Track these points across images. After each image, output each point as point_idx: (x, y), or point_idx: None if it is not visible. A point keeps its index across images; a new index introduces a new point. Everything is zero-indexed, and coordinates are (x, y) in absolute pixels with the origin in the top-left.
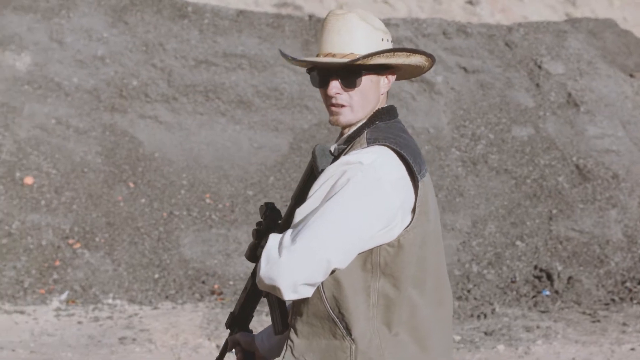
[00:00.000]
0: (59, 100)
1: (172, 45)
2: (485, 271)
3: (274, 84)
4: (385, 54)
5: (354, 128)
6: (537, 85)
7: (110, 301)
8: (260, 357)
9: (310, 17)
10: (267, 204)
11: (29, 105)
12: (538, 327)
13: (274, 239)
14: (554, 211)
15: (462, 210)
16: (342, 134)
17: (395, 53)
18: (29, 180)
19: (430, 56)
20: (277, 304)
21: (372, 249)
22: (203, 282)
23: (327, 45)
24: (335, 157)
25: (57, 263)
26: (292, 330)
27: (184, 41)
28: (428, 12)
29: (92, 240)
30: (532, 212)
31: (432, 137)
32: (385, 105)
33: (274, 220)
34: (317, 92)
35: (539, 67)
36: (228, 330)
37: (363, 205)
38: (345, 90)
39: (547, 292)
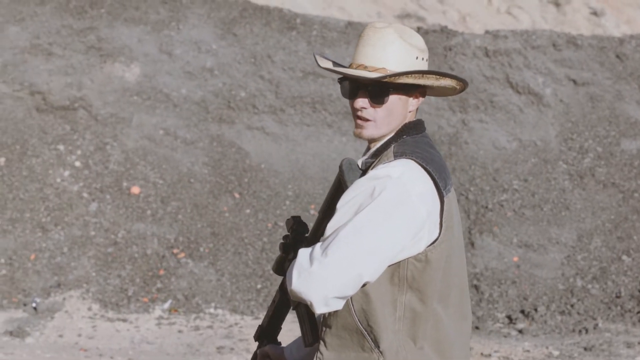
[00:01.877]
0: (167, 111)
1: (280, 57)
2: (589, 286)
3: None
4: (414, 75)
5: (381, 142)
6: None
7: (212, 310)
8: None
9: (419, 29)
10: (293, 217)
11: (138, 115)
12: None
13: (304, 252)
14: None
15: (568, 223)
16: (369, 147)
17: (424, 75)
18: (135, 190)
19: (462, 81)
20: (307, 317)
21: (399, 263)
22: None
23: (360, 56)
24: (363, 171)
25: (162, 272)
26: (321, 342)
27: (291, 53)
28: (551, 24)
29: (196, 250)
30: None
31: (540, 149)
32: (413, 120)
33: (301, 234)
34: (424, 104)
35: None
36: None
37: (393, 218)
38: (371, 106)
39: None
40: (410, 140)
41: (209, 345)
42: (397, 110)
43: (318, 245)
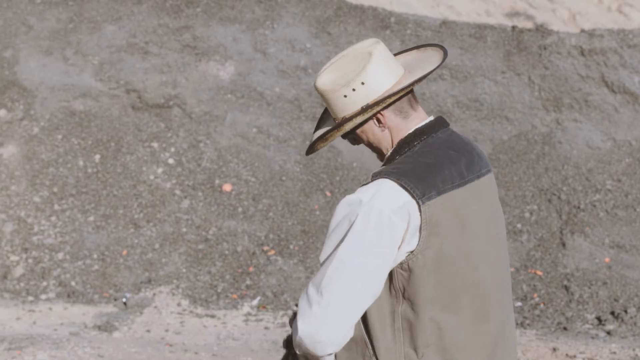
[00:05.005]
0: (261, 110)
1: None
2: None
3: (474, 94)
4: (333, 132)
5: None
6: None
7: None
8: None
9: (514, 28)
10: None
11: (231, 114)
12: None
13: (301, 299)
14: None
15: None
16: None
17: (350, 120)
18: (227, 187)
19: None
20: None
21: (392, 275)
22: None
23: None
24: None
25: (251, 269)
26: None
27: None
28: None
29: (286, 247)
30: None
31: (634, 149)
32: (404, 136)
33: None
34: (517, 104)
35: None
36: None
37: (374, 242)
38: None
39: None
40: (399, 158)
41: None
42: (371, 137)
43: (310, 286)
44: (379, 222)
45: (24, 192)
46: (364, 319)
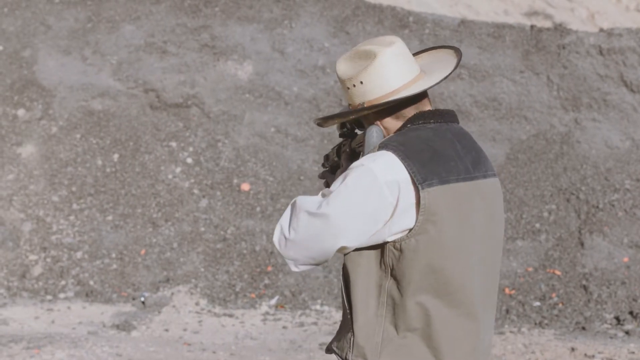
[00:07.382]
0: (279, 109)
1: None
2: None
3: (493, 94)
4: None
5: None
6: None
7: (318, 307)
8: None
9: (532, 27)
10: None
11: (250, 113)
12: None
13: (284, 217)
14: None
15: None
16: None
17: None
18: (245, 186)
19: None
20: None
21: (382, 250)
22: None
23: None
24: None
25: (269, 269)
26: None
27: None
28: None
29: None
30: None
31: None
32: (419, 112)
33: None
34: (536, 103)
35: None
36: None
37: (358, 201)
38: None
39: None
40: (406, 131)
41: (311, 342)
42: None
43: (286, 216)
44: (369, 184)
45: (43, 191)
46: (348, 289)
